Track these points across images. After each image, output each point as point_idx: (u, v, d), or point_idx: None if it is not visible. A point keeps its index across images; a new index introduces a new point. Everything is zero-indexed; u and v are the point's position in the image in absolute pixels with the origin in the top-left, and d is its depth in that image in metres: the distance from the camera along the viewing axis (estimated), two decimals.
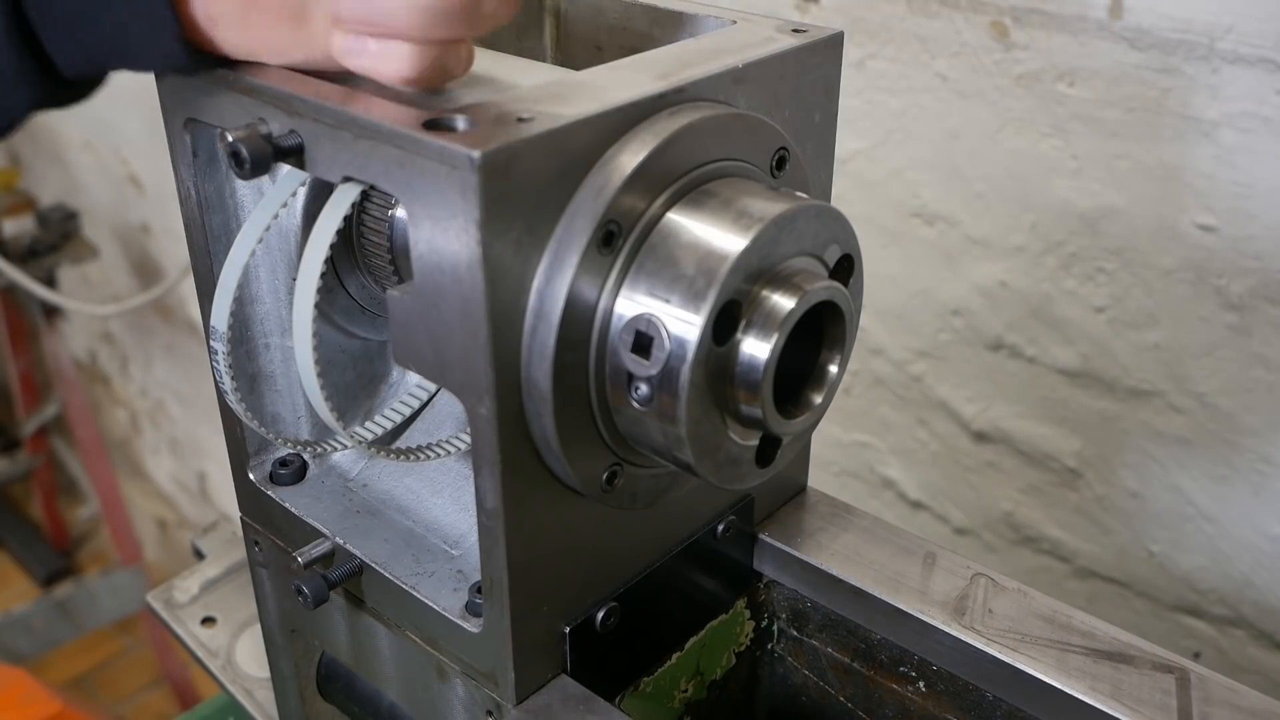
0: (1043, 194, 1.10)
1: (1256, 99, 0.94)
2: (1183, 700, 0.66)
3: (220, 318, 0.65)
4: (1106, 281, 1.09)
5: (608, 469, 0.63)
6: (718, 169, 0.61)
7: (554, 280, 0.56)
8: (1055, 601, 0.73)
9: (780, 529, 0.79)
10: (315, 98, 0.57)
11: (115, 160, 2.65)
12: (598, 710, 0.65)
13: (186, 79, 0.63)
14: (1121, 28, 0.99)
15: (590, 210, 0.55)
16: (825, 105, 0.69)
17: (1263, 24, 0.92)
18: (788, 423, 0.61)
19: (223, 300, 0.64)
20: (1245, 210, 0.98)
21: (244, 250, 0.63)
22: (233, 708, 1.01)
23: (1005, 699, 0.70)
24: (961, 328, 1.22)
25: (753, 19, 0.70)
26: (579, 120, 0.55)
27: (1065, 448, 1.19)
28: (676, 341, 0.55)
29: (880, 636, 0.76)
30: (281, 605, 0.81)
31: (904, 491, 1.36)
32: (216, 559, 1.12)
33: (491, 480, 0.58)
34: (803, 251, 0.59)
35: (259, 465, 0.76)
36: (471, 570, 0.69)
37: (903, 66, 1.15)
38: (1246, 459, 1.06)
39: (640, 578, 0.70)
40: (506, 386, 0.57)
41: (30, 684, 1.64)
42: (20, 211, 2.79)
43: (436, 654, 0.68)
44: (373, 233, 0.67)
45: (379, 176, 0.55)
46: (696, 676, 0.79)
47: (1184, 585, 1.15)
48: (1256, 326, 1.01)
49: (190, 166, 0.66)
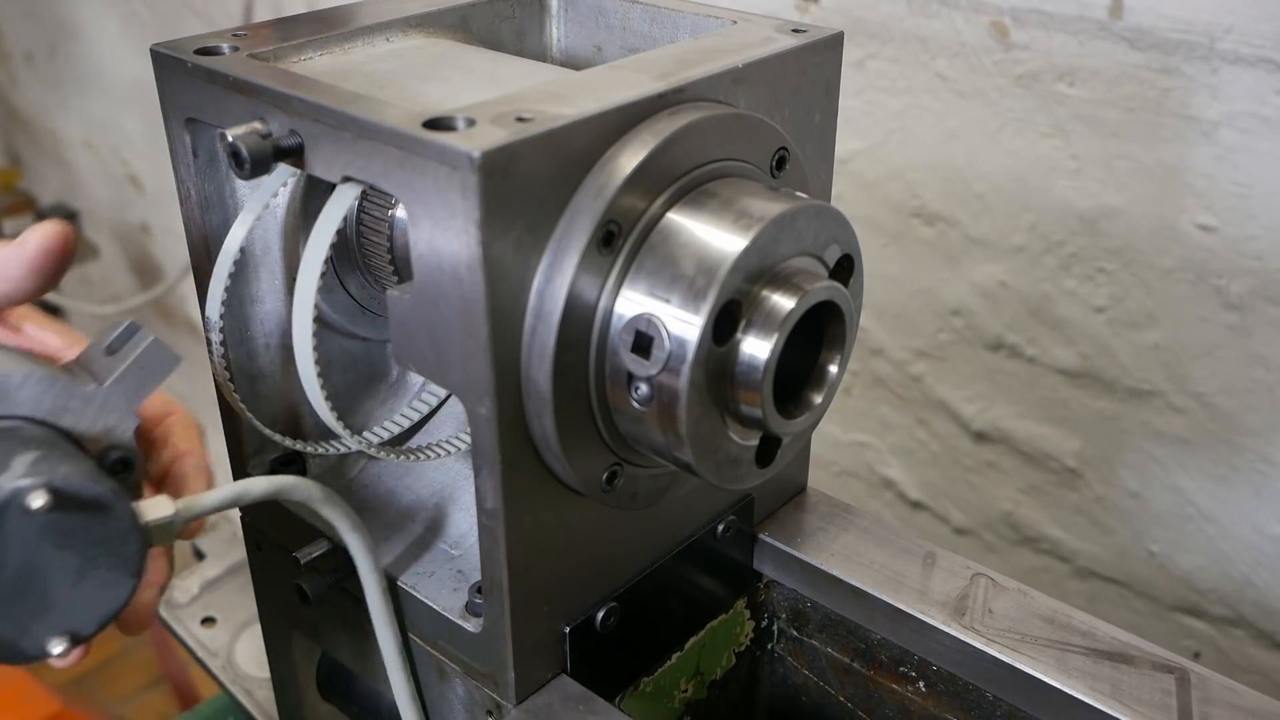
0: (1042, 194, 1.10)
1: (1256, 99, 0.94)
2: (1183, 700, 0.66)
3: (213, 307, 0.65)
4: (1106, 281, 1.09)
5: (608, 469, 0.63)
6: (718, 169, 0.61)
7: (554, 280, 0.56)
8: (1055, 601, 0.73)
9: (780, 529, 0.79)
10: (315, 98, 0.57)
11: (115, 160, 2.65)
12: (598, 710, 0.65)
13: (186, 79, 0.63)
14: (1121, 28, 0.99)
15: (590, 210, 0.55)
16: (825, 105, 0.69)
17: (1263, 24, 0.92)
18: (788, 423, 0.61)
19: (215, 289, 0.65)
20: (1245, 210, 0.98)
21: (236, 240, 0.64)
22: (233, 708, 1.01)
23: (1005, 699, 0.70)
24: (961, 328, 1.22)
25: (753, 19, 0.70)
26: (579, 120, 0.55)
27: (1065, 448, 1.19)
28: (676, 341, 0.55)
29: (880, 636, 0.76)
30: (281, 605, 0.81)
31: (904, 491, 1.36)
32: (216, 559, 1.12)
33: (491, 480, 0.58)
34: (803, 251, 0.59)
35: (259, 464, 0.76)
36: (471, 570, 0.69)
37: (903, 66, 1.15)
38: (1246, 459, 1.06)
39: (640, 578, 0.70)
40: (506, 386, 0.57)
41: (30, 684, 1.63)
42: (20, 211, 2.79)
43: (436, 654, 0.68)
44: (373, 233, 0.67)
45: (379, 176, 0.55)
46: (696, 676, 0.79)
47: (1184, 585, 1.15)
48: (1256, 326, 1.01)
49: (190, 166, 0.66)
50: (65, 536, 0.50)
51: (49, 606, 0.51)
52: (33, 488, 0.49)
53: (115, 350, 0.57)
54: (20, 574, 0.50)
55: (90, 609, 0.52)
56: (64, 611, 0.52)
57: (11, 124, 3.06)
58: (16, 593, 0.50)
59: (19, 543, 0.49)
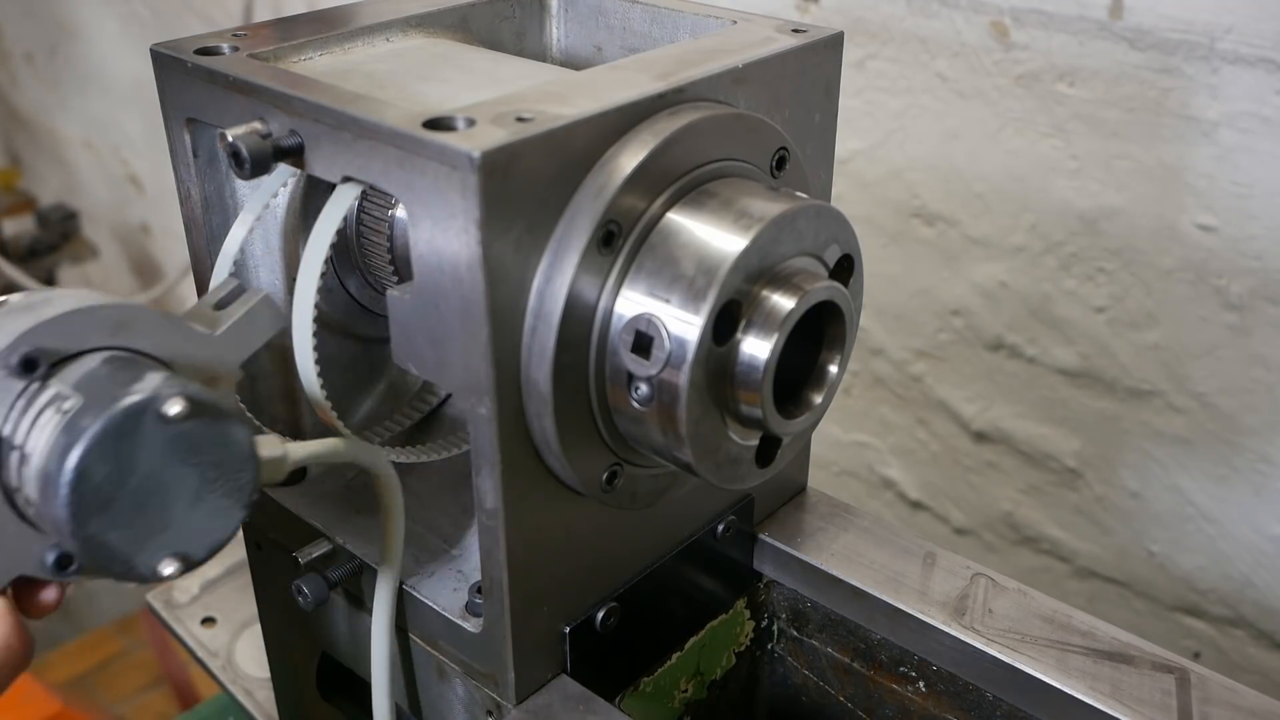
0: (1042, 194, 1.10)
1: (1256, 99, 0.94)
2: (1183, 700, 0.66)
3: None
4: (1106, 281, 1.09)
5: (608, 469, 0.63)
6: (718, 169, 0.61)
7: (554, 280, 0.56)
8: (1055, 601, 0.73)
9: (780, 529, 0.79)
10: (315, 98, 0.57)
11: (115, 160, 2.65)
12: (598, 710, 0.65)
13: (186, 79, 0.63)
14: (1121, 28, 0.99)
15: (590, 210, 0.55)
16: (825, 105, 0.69)
17: (1263, 24, 0.92)
18: (788, 423, 0.61)
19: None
20: (1245, 210, 0.98)
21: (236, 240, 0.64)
22: (233, 708, 1.01)
23: (1005, 699, 0.70)
24: (961, 328, 1.22)
25: (753, 19, 0.70)
26: (579, 120, 0.55)
27: (1065, 448, 1.19)
28: (676, 341, 0.55)
29: (880, 636, 0.76)
30: (281, 605, 0.81)
31: (904, 491, 1.36)
32: (216, 559, 1.12)
33: (491, 480, 0.58)
34: (803, 251, 0.59)
35: None
36: (471, 570, 0.69)
37: (903, 66, 1.15)
38: (1246, 459, 1.06)
39: (640, 578, 0.70)
40: (506, 386, 0.57)
41: (30, 684, 1.63)
42: (20, 211, 2.78)
43: (436, 654, 0.68)
44: (373, 233, 0.67)
45: (379, 176, 0.55)
46: (696, 676, 0.79)
47: (1184, 585, 1.15)
48: (1256, 326, 1.01)
49: (190, 166, 0.66)
50: (190, 452, 0.52)
51: (166, 525, 0.53)
52: (170, 395, 0.51)
53: (224, 305, 0.59)
54: (144, 486, 0.51)
55: (202, 535, 0.54)
56: (178, 533, 0.53)
57: (11, 124, 3.06)
58: (139, 506, 0.51)
59: (148, 453, 0.51)
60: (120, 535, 0.51)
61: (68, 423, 0.50)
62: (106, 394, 0.50)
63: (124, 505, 0.51)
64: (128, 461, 0.50)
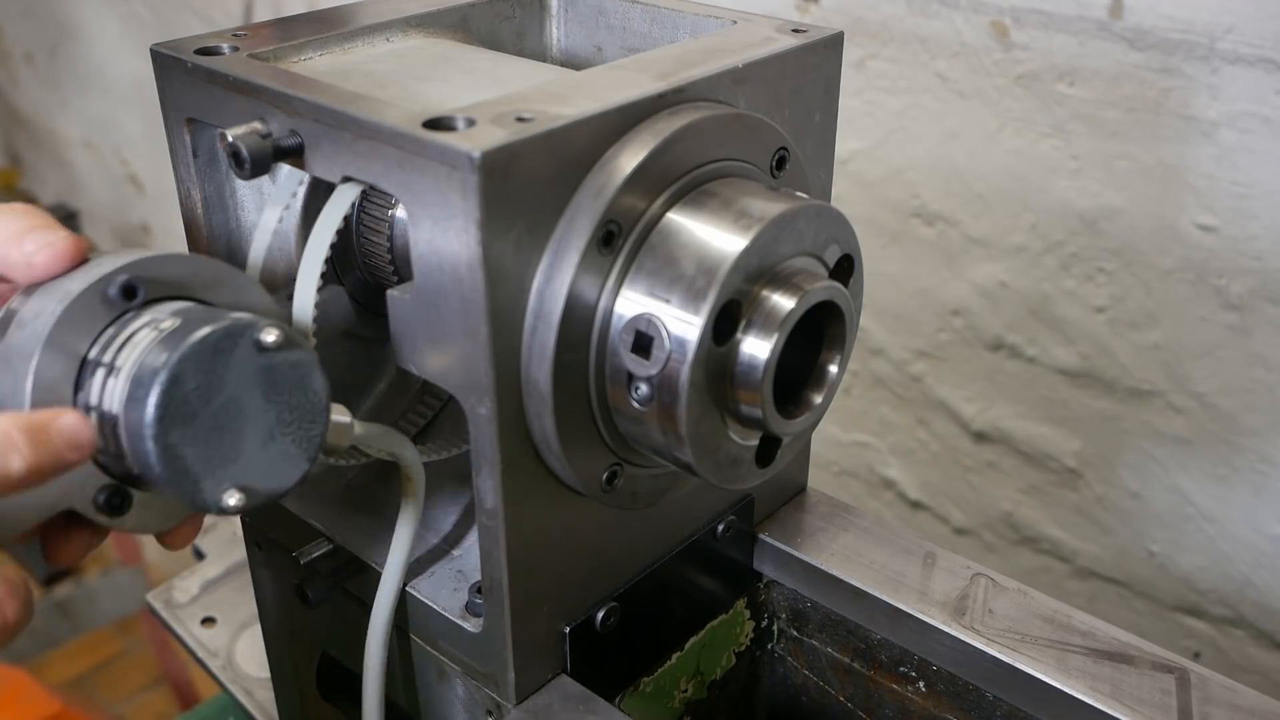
0: (1042, 194, 1.10)
1: (1256, 99, 0.94)
2: (1183, 700, 0.66)
3: None
4: (1106, 281, 1.09)
5: (608, 469, 0.63)
6: (718, 169, 0.61)
7: (554, 280, 0.56)
8: (1055, 601, 0.73)
9: (780, 529, 0.79)
10: (315, 98, 0.57)
11: (115, 160, 2.65)
12: (598, 710, 0.65)
13: (186, 79, 0.63)
14: (1121, 28, 0.99)
15: (590, 210, 0.55)
16: (825, 105, 0.69)
17: (1263, 24, 0.92)
18: (788, 423, 0.61)
19: None
20: (1245, 210, 0.98)
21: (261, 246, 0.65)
22: (233, 708, 1.01)
23: (1005, 699, 0.70)
24: (961, 328, 1.22)
25: (753, 19, 0.70)
26: (579, 120, 0.55)
27: (1065, 448, 1.19)
28: (676, 341, 0.55)
29: (880, 636, 0.76)
30: (281, 605, 0.81)
31: (904, 491, 1.36)
32: (216, 559, 1.12)
33: (491, 480, 0.58)
34: (803, 251, 0.59)
35: None
36: (471, 570, 0.69)
37: (903, 66, 1.15)
38: (1246, 459, 1.06)
39: (640, 578, 0.70)
40: (506, 386, 0.57)
41: (30, 684, 1.63)
42: None
43: (436, 654, 0.68)
44: (373, 233, 0.67)
45: (379, 176, 0.55)
46: (696, 676, 0.79)
47: (1184, 585, 1.15)
48: (1256, 326, 1.01)
49: (190, 166, 0.66)
50: (274, 388, 0.54)
51: (236, 456, 0.54)
52: (268, 325, 0.53)
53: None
54: (227, 409, 0.53)
55: (268, 476, 0.55)
56: (245, 467, 0.54)
57: (11, 124, 3.06)
58: (218, 429, 0.53)
59: (237, 375, 0.53)
60: (195, 453, 0.52)
61: (167, 336, 0.51)
62: (207, 317, 0.52)
63: (204, 424, 0.52)
64: (218, 380, 0.52)
